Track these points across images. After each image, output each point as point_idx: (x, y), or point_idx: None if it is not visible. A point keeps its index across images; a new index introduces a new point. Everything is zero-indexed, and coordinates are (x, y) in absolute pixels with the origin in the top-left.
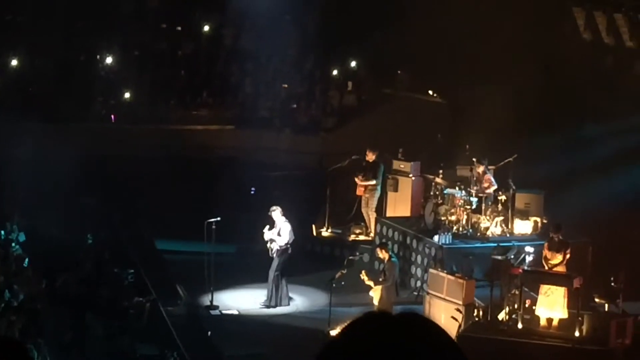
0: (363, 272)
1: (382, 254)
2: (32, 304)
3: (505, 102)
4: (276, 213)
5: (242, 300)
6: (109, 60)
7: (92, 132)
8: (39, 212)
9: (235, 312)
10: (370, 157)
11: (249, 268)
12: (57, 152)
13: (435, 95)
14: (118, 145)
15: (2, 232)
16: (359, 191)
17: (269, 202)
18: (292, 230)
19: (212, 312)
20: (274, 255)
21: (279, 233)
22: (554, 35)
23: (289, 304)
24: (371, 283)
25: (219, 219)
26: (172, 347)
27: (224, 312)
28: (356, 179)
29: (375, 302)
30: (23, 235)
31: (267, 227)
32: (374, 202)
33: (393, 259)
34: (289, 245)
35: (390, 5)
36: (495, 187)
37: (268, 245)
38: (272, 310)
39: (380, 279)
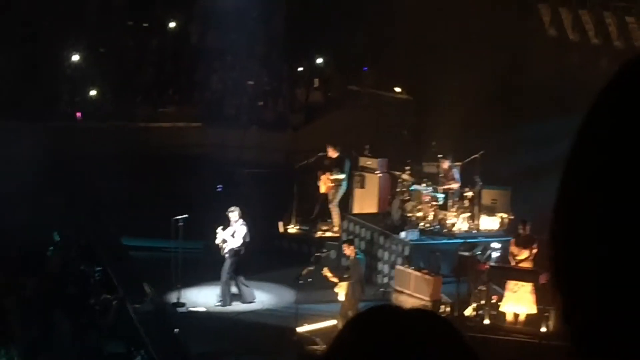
0: (325, 269)
1: (348, 251)
2: None
3: (471, 98)
4: (234, 214)
5: (209, 298)
6: (74, 57)
7: (57, 130)
8: (3, 211)
9: (203, 309)
10: (332, 153)
11: (216, 265)
12: (21, 150)
13: (401, 91)
14: (83, 143)
15: None
16: (324, 187)
17: (236, 199)
18: (248, 233)
19: (179, 309)
20: (226, 255)
21: (233, 234)
22: (519, 31)
23: (254, 300)
24: (335, 279)
25: (186, 216)
26: (139, 344)
27: (191, 309)
28: (322, 176)
29: (341, 298)
30: None
31: (221, 227)
32: (337, 198)
33: (358, 256)
34: (242, 247)
35: (356, 1)
36: (459, 184)
37: (220, 244)
38: (239, 307)
39: (345, 276)
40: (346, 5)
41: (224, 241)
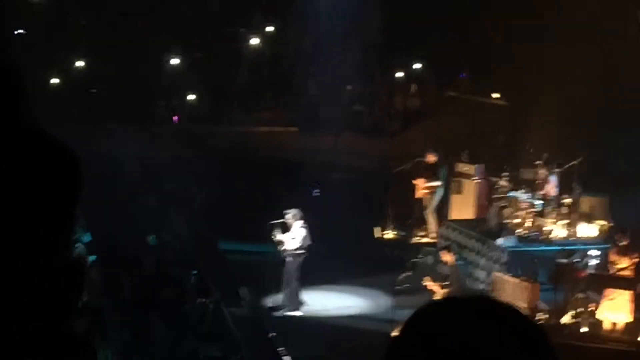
0: (426, 278)
1: (447, 257)
2: (96, 304)
3: (569, 104)
4: (290, 216)
5: (306, 302)
6: (172, 62)
7: (154, 134)
8: (102, 213)
9: (299, 314)
10: (431, 159)
11: (312, 269)
12: (119, 154)
13: (498, 97)
14: (180, 147)
15: None
16: (420, 193)
17: (332, 204)
18: (308, 235)
19: (275, 313)
20: (287, 258)
21: (293, 237)
22: (619, 38)
23: (299, 310)
24: (436, 288)
25: (281, 220)
26: (235, 348)
27: (287, 313)
28: (418, 182)
29: None
30: (89, 236)
31: (279, 229)
32: (433, 204)
33: (459, 262)
34: (303, 250)
35: (453, 7)
36: (557, 190)
37: (279, 248)
38: (335, 312)
39: (445, 283)
40: (443, 11)
41: (282, 244)
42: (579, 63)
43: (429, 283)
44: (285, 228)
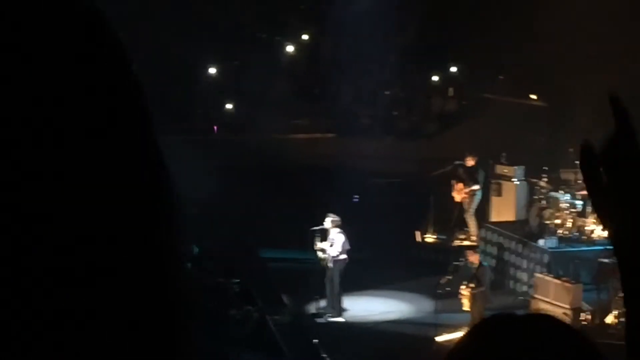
0: (462, 288)
1: (472, 258)
2: None
3: (608, 104)
4: (328, 222)
5: (348, 308)
6: (210, 71)
7: (194, 143)
8: None
9: (341, 320)
10: (470, 162)
11: (354, 275)
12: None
13: (536, 98)
14: (220, 156)
15: None
16: (459, 197)
17: (373, 209)
18: (347, 241)
19: (318, 319)
20: (329, 265)
21: (331, 243)
22: None
23: (341, 317)
24: (465, 290)
25: (323, 227)
26: (279, 355)
27: (329, 319)
28: (457, 185)
29: (466, 308)
30: None
31: (319, 237)
32: (473, 207)
33: (484, 264)
34: (345, 256)
35: (489, 8)
36: None
37: (320, 255)
38: (377, 317)
39: (473, 285)
40: (479, 12)
41: (323, 251)
42: (618, 62)
43: (462, 287)
44: (325, 235)
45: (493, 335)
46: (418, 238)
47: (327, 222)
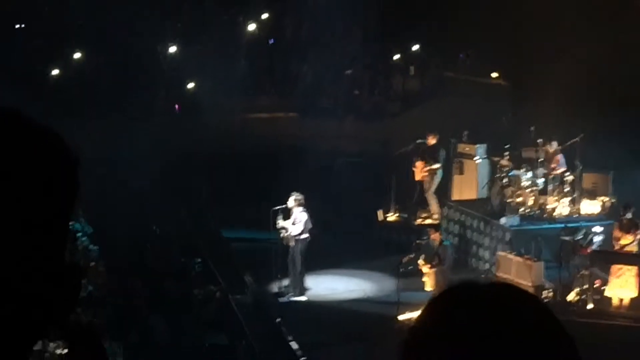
0: (420, 261)
1: (434, 236)
2: (100, 294)
3: (569, 83)
4: (291, 201)
5: (311, 287)
6: (171, 50)
7: (155, 126)
8: (104, 207)
9: (304, 299)
10: (431, 141)
11: (317, 254)
12: (123, 147)
13: (498, 77)
14: (182, 137)
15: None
16: (419, 176)
17: (335, 188)
18: (309, 220)
19: (281, 299)
20: (290, 244)
21: (294, 222)
22: (624, 12)
23: (304, 295)
24: (426, 268)
25: (284, 206)
26: (241, 336)
27: (292, 298)
28: (417, 164)
29: (429, 287)
30: (90, 228)
31: (282, 216)
32: (433, 186)
33: (445, 242)
34: (307, 235)
35: None
36: (564, 168)
37: (282, 234)
38: (340, 296)
39: (434, 262)
40: None
41: (285, 230)
42: (579, 42)
43: (420, 262)
44: (288, 214)
45: (454, 304)
46: (380, 217)
47: (291, 201)
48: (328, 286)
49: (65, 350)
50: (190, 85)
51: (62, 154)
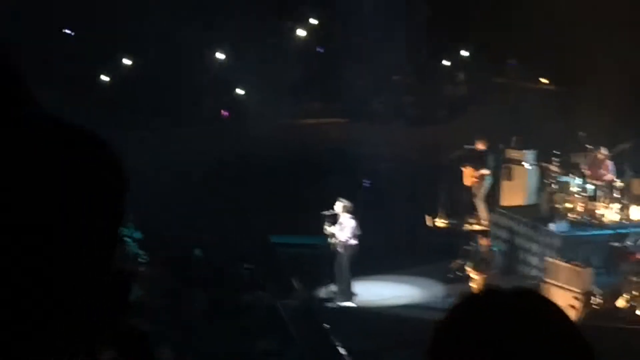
0: (469, 265)
1: (483, 242)
2: (148, 301)
3: (619, 88)
4: (338, 207)
5: (359, 293)
6: (220, 56)
7: (203, 132)
8: (153, 213)
9: (353, 305)
10: (480, 146)
11: (365, 260)
12: (170, 154)
13: (547, 82)
14: (231, 143)
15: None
16: (469, 181)
17: (384, 194)
18: (357, 226)
19: (329, 305)
20: (338, 250)
21: (342, 228)
22: None
23: (353, 302)
24: (474, 273)
25: (333, 211)
26: (290, 341)
27: (340, 305)
28: (467, 170)
29: None
30: (139, 233)
31: (330, 222)
32: (482, 192)
33: (493, 248)
34: (355, 241)
35: None
36: (614, 175)
37: (330, 240)
38: (388, 302)
39: (483, 268)
40: None
41: (333, 236)
42: (631, 46)
43: (469, 268)
44: (336, 219)
45: (475, 310)
46: (429, 223)
47: (338, 207)
48: (376, 292)
49: (115, 357)
50: (239, 91)
51: (121, 172)
